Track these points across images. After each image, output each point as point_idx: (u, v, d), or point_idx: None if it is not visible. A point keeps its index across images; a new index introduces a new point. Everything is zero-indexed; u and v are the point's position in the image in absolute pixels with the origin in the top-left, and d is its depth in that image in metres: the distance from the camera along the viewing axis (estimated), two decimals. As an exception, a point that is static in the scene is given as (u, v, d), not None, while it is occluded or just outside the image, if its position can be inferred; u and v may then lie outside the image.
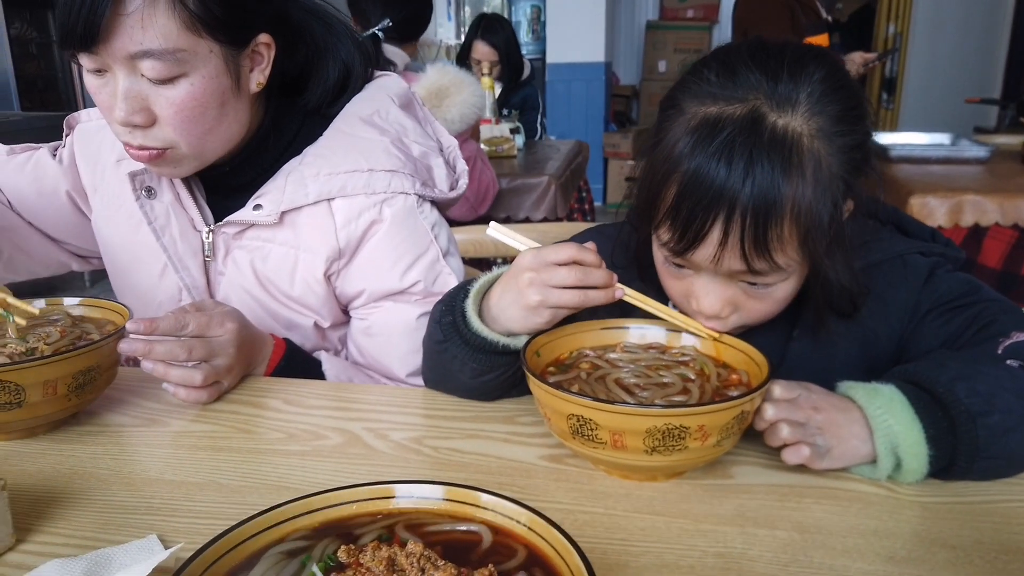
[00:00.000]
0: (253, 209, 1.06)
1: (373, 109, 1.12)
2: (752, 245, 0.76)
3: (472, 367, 0.87)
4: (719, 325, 0.84)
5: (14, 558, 0.65)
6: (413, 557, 0.47)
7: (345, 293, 1.12)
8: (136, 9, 0.87)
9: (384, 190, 1.07)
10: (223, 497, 0.74)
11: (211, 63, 0.94)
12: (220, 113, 0.98)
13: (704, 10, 6.72)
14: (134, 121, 0.94)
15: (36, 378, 0.77)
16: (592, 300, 0.82)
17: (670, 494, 0.74)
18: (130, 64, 0.91)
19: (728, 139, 0.75)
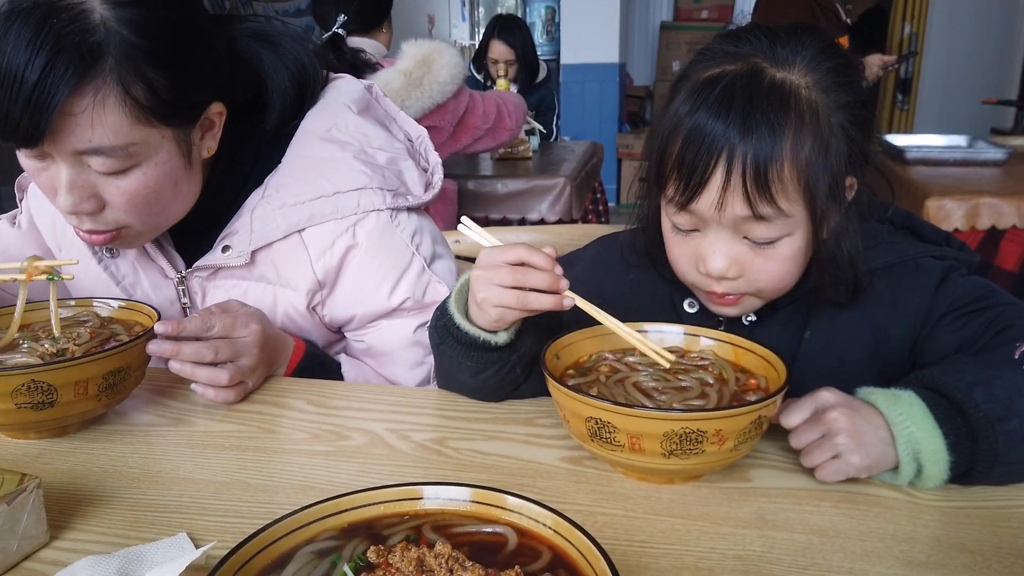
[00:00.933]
0: (222, 251, 1.04)
1: (330, 123, 1.08)
2: (754, 185, 0.78)
3: (468, 366, 0.89)
4: (728, 288, 0.85)
5: (48, 554, 0.67)
6: (442, 558, 0.48)
7: (334, 320, 1.11)
8: (85, 109, 0.83)
9: (354, 211, 1.04)
10: (250, 496, 0.76)
11: (163, 148, 0.91)
12: (174, 192, 0.95)
13: (718, 11, 6.71)
14: (82, 210, 0.90)
15: (68, 378, 0.79)
16: (533, 303, 0.81)
17: (688, 497, 0.75)
18: (76, 157, 0.87)
19: (727, 88, 0.80)
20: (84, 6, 0.83)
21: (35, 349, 0.86)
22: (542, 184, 2.64)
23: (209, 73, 0.94)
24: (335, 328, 1.14)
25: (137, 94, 0.85)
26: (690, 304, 0.96)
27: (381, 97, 1.20)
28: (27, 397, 0.78)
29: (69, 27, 0.81)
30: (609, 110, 5.95)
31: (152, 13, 0.86)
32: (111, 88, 0.83)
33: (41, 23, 0.80)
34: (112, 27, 0.83)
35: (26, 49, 0.80)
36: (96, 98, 0.83)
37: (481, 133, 2.47)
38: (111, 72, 0.83)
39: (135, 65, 0.84)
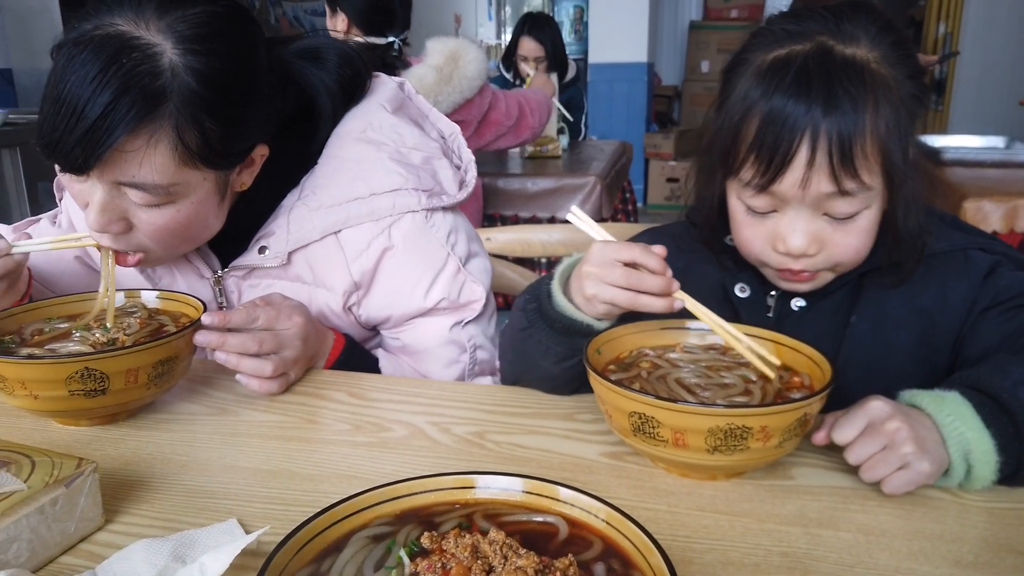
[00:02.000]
0: (258, 252, 1.05)
1: (365, 124, 1.08)
2: (840, 162, 0.79)
3: (556, 351, 0.89)
4: (807, 265, 0.86)
5: (104, 537, 0.68)
6: (496, 544, 0.49)
7: (370, 320, 1.12)
8: (138, 148, 0.83)
9: (389, 213, 1.04)
10: (296, 485, 0.77)
11: (202, 188, 0.92)
12: (202, 226, 0.97)
13: (748, 10, 6.66)
14: (109, 230, 0.90)
15: (120, 367, 0.81)
16: (644, 305, 0.82)
17: (732, 493, 0.75)
18: (116, 186, 0.87)
19: (802, 68, 0.81)
20: (156, 48, 0.83)
21: (87, 338, 0.88)
22: (572, 183, 2.64)
23: (261, 122, 0.95)
24: (370, 327, 1.15)
25: (189, 140, 0.86)
26: (741, 289, 0.97)
27: (414, 95, 1.20)
28: (80, 384, 0.80)
29: (139, 68, 0.81)
30: (637, 110, 5.94)
31: (219, 64, 0.86)
32: (166, 132, 0.84)
33: (111, 59, 0.81)
34: (179, 73, 0.83)
35: (91, 83, 0.80)
36: (150, 140, 0.84)
37: (504, 130, 2.50)
38: (169, 117, 0.84)
39: (193, 113, 0.85)
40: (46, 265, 1.15)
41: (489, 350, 1.13)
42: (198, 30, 0.85)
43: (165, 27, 0.84)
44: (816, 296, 0.93)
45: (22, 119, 3.77)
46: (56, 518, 0.64)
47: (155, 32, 0.84)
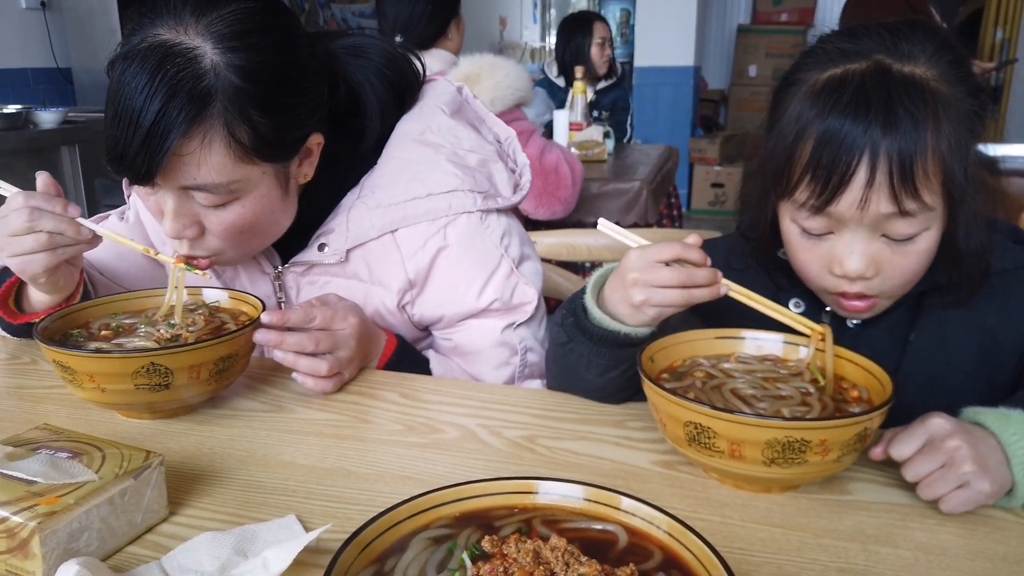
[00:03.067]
0: (318, 249, 1.07)
1: (424, 126, 1.10)
2: (900, 181, 0.78)
3: (598, 363, 0.89)
4: (864, 288, 0.85)
5: (168, 528, 0.70)
6: (558, 551, 0.49)
7: (423, 319, 1.13)
8: (193, 151, 0.86)
9: (445, 213, 1.06)
10: (351, 483, 0.78)
11: (263, 183, 0.94)
12: (270, 220, 0.99)
13: (799, 13, 6.56)
14: (185, 235, 0.94)
15: (183, 362, 0.83)
16: (696, 298, 0.82)
17: (787, 507, 0.74)
18: (182, 191, 0.91)
19: (859, 87, 0.79)
20: (196, 51, 0.86)
21: (152, 333, 0.90)
22: (618, 187, 2.63)
23: (309, 110, 0.96)
24: (423, 327, 1.16)
25: (241, 136, 0.88)
26: (795, 304, 0.96)
27: (471, 99, 1.22)
28: (146, 379, 0.82)
29: (182, 72, 0.84)
30: (682, 114, 5.89)
31: (259, 57, 0.88)
32: (218, 131, 0.87)
33: (156, 68, 0.84)
34: (221, 72, 0.86)
35: (142, 93, 0.83)
36: (204, 140, 0.86)
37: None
38: (218, 116, 0.86)
39: (241, 108, 0.87)
40: (114, 260, 1.18)
41: (539, 353, 1.14)
42: (235, 27, 0.88)
43: (203, 29, 0.87)
44: (873, 314, 0.92)
45: (80, 117, 3.88)
46: (124, 509, 0.66)
47: (195, 36, 0.87)
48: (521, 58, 9.33)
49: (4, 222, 0.91)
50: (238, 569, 0.63)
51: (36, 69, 4.66)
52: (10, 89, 4.43)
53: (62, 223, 0.90)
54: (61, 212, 0.91)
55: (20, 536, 0.60)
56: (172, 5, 0.88)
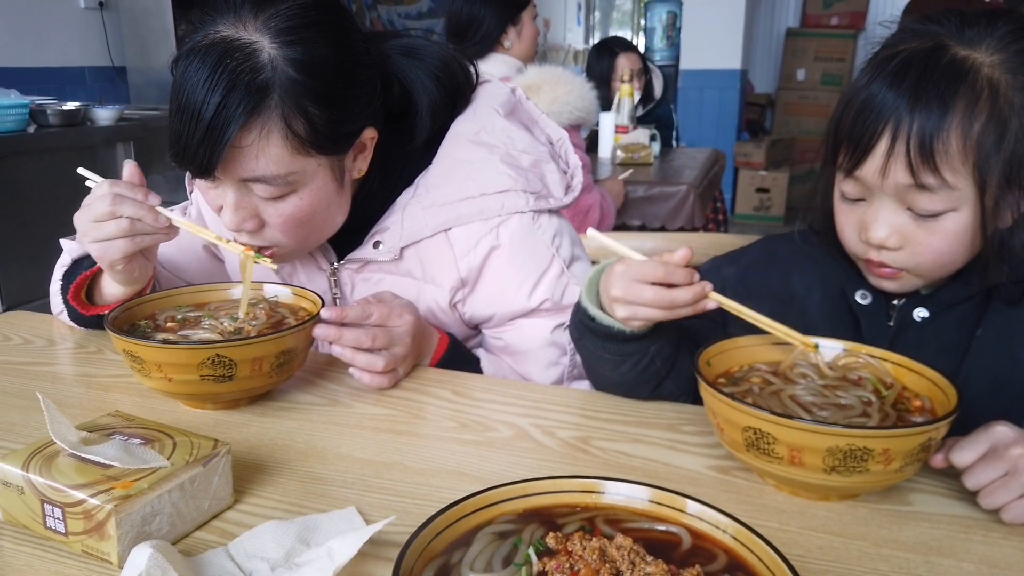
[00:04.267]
0: (373, 246, 1.09)
1: (479, 127, 1.11)
2: (918, 154, 0.79)
3: (607, 359, 0.91)
4: (889, 259, 0.86)
5: (233, 516, 0.72)
6: (623, 550, 0.50)
7: (474, 318, 1.15)
8: (252, 143, 0.89)
9: (498, 213, 1.07)
10: (408, 478, 0.79)
11: (319, 176, 0.96)
12: (326, 213, 1.01)
13: (850, 17, 6.45)
14: (244, 228, 0.96)
15: (247, 355, 0.85)
16: (680, 315, 0.84)
17: (846, 515, 0.73)
18: (242, 184, 0.93)
19: (904, 60, 0.82)
20: (255, 46, 0.88)
21: (215, 326, 0.93)
22: (664, 191, 2.62)
23: (364, 104, 0.98)
24: (473, 325, 1.17)
25: (298, 128, 0.90)
26: (862, 296, 0.95)
27: (524, 100, 1.23)
28: (211, 370, 0.84)
29: (241, 66, 0.87)
30: (728, 117, 5.83)
31: (315, 51, 0.90)
32: (275, 123, 0.89)
33: (217, 63, 0.86)
34: (278, 65, 0.88)
35: (203, 87, 0.86)
36: (262, 132, 0.89)
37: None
38: (276, 108, 0.89)
39: (297, 101, 0.89)
40: (175, 254, 1.22)
41: None
42: (291, 22, 0.90)
43: (261, 25, 0.89)
44: (941, 307, 0.91)
45: (135, 115, 3.98)
46: (193, 495, 0.68)
47: (253, 31, 0.89)
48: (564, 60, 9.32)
49: (89, 209, 0.94)
50: (302, 557, 0.64)
51: (93, 68, 4.79)
52: (68, 87, 4.57)
53: (141, 209, 0.93)
54: (142, 199, 0.94)
55: (97, 518, 0.62)
56: (232, 3, 0.91)
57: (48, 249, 3.64)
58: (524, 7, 2.45)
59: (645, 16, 7.56)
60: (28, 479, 0.65)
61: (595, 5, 10.64)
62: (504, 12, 2.40)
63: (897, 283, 0.90)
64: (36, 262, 3.18)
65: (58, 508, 0.64)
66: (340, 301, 1.16)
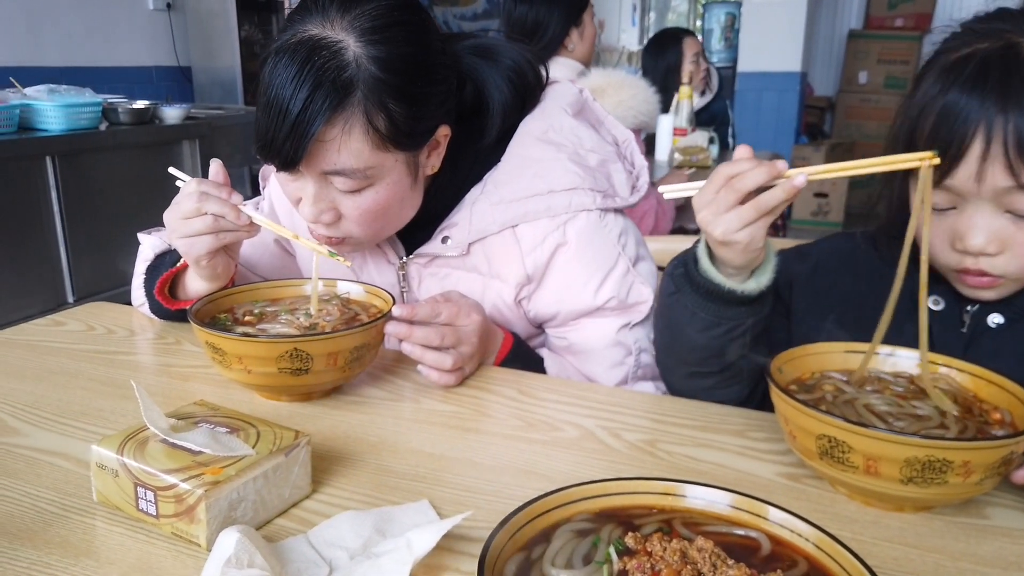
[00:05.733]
0: (441, 242, 1.11)
1: (547, 125, 1.13)
2: (1016, 153, 0.78)
3: (702, 318, 0.90)
4: (987, 266, 0.84)
5: (311, 505, 0.74)
6: (704, 552, 0.50)
7: (538, 315, 1.16)
8: (335, 137, 0.92)
9: (565, 210, 1.09)
10: (479, 474, 0.81)
11: (396, 171, 0.98)
12: (400, 207, 1.03)
13: (916, 18, 6.28)
14: (322, 220, 0.99)
15: (323, 349, 0.88)
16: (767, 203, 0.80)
17: (921, 528, 0.72)
18: (322, 177, 0.96)
19: (981, 63, 0.81)
20: (341, 44, 0.91)
21: (292, 321, 0.96)
22: (723, 194, 2.58)
23: (440, 101, 1.00)
24: (537, 324, 1.19)
25: (379, 124, 0.93)
26: (934, 301, 0.94)
27: (591, 101, 1.24)
28: (288, 363, 0.87)
29: (327, 63, 0.90)
30: (786, 121, 5.74)
31: (397, 50, 0.93)
32: (357, 118, 0.92)
33: (304, 60, 0.90)
34: (362, 63, 0.91)
35: (291, 83, 0.89)
36: (344, 127, 0.92)
37: None
38: (359, 104, 0.91)
39: (379, 98, 0.92)
40: (248, 249, 1.25)
41: (652, 355, 1.15)
42: (375, 22, 0.92)
43: (347, 24, 0.92)
44: (1017, 313, 0.89)
45: (201, 113, 4.10)
46: (275, 483, 0.71)
47: (339, 30, 0.92)
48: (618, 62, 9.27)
49: (177, 207, 0.99)
50: (379, 548, 0.66)
51: (160, 67, 4.95)
52: (136, 86, 4.72)
53: (225, 207, 0.97)
54: (226, 198, 0.98)
55: (187, 502, 0.65)
56: (320, 3, 0.94)
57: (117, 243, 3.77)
58: (585, 8, 2.45)
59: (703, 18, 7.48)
60: (123, 463, 0.68)
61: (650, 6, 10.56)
62: (568, 14, 2.40)
63: (995, 291, 0.88)
64: (105, 255, 3.30)
65: (150, 491, 0.67)
66: (407, 295, 1.18)
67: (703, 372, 0.96)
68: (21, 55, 4.02)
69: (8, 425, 0.88)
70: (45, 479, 0.77)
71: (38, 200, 3.00)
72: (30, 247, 2.99)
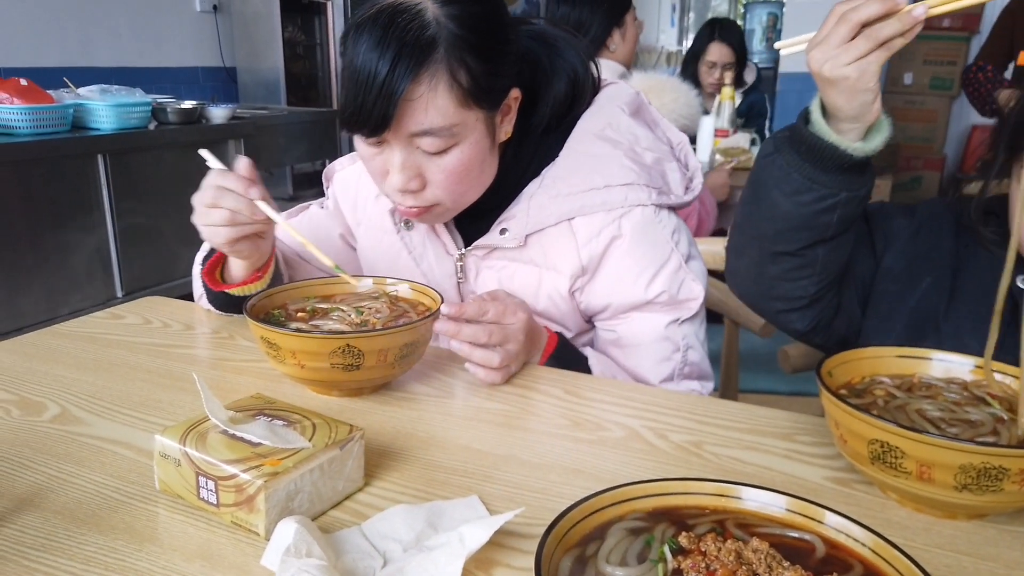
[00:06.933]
0: (499, 233, 1.14)
1: (605, 123, 1.16)
2: None
3: (795, 179, 0.89)
4: None
5: (363, 498, 0.76)
6: (760, 554, 0.51)
7: (590, 307, 1.17)
8: (422, 94, 0.95)
9: (621, 204, 1.11)
10: (526, 472, 0.82)
11: (477, 129, 1.02)
12: (481, 170, 1.06)
13: (963, 19, 6.14)
14: (410, 188, 1.02)
15: (374, 346, 0.89)
16: (890, 32, 0.79)
17: (974, 535, 0.72)
18: (409, 140, 0.99)
19: None
20: (420, 6, 0.95)
21: (343, 317, 0.98)
22: (766, 196, 2.56)
23: (511, 62, 1.04)
24: (588, 316, 1.20)
25: (461, 79, 0.97)
26: (1023, 280, 0.92)
27: (646, 103, 1.27)
28: (341, 359, 0.89)
29: (410, 24, 0.94)
30: (828, 122, 5.64)
31: (471, 8, 0.98)
32: (442, 75, 0.95)
33: (387, 25, 0.94)
34: (442, 22, 0.95)
35: (376, 48, 0.93)
36: (430, 84, 0.95)
37: None
38: (442, 61, 0.95)
39: (459, 54, 0.96)
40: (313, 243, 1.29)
41: (699, 353, 1.16)
42: None
43: None
44: None
45: (246, 113, 4.17)
46: (330, 476, 0.73)
47: None
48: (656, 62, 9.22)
49: (202, 194, 1.02)
50: (431, 541, 0.67)
51: (206, 68, 5.05)
52: (183, 86, 4.83)
53: (240, 203, 0.99)
54: (242, 193, 1.00)
55: (247, 492, 0.67)
56: None
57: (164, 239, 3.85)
58: (628, 9, 2.45)
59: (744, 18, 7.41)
60: (185, 452, 0.71)
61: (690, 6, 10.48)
62: (610, 15, 2.39)
63: None
64: (153, 250, 3.38)
65: (211, 481, 0.69)
66: (463, 285, 1.21)
67: (776, 252, 0.95)
68: (73, 56, 4.13)
69: (73, 415, 0.91)
70: (109, 467, 0.80)
71: (90, 197, 3.09)
72: (82, 242, 3.08)
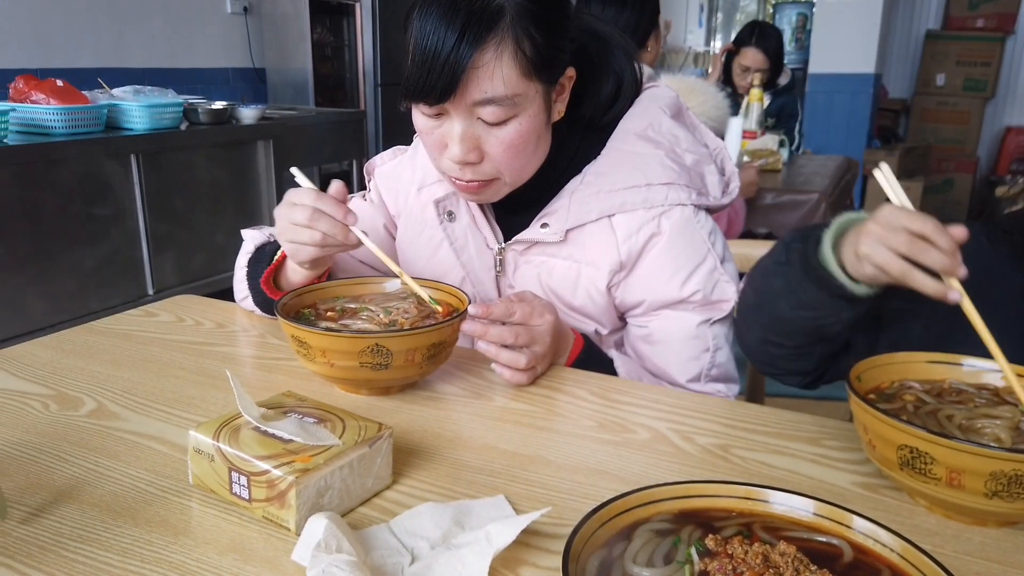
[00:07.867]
0: (540, 227, 1.15)
1: (647, 123, 1.17)
2: None
3: (798, 297, 0.90)
4: None
5: (392, 495, 0.77)
6: (787, 557, 0.51)
7: (625, 303, 1.18)
8: (488, 62, 0.96)
9: (661, 203, 1.12)
10: (552, 472, 0.82)
11: (535, 102, 1.03)
12: (536, 146, 1.07)
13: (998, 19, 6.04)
14: (469, 159, 1.03)
15: (402, 346, 0.91)
16: (917, 282, 0.78)
17: (1004, 543, 0.71)
18: (470, 110, 1.00)
19: None
20: None
21: (372, 317, 0.99)
22: (795, 199, 2.55)
23: (569, 39, 1.06)
24: (622, 312, 1.21)
25: (525, 48, 0.98)
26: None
27: (686, 108, 1.28)
28: (370, 358, 0.90)
29: None
30: (858, 124, 5.59)
31: None
32: (508, 43, 0.97)
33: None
34: None
35: (443, 20, 0.95)
36: (496, 51, 0.97)
37: None
38: (508, 30, 0.97)
39: (524, 24, 0.98)
40: None
41: (728, 355, 1.17)
42: None
43: None
44: None
45: (275, 114, 4.22)
46: (360, 473, 0.74)
47: None
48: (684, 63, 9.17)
49: (291, 210, 1.02)
50: (458, 539, 0.68)
51: (236, 69, 5.11)
52: (213, 87, 4.89)
53: (335, 227, 1.00)
54: (340, 218, 1.01)
55: (279, 488, 0.68)
56: None
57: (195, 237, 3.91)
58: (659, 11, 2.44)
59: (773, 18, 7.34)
60: (219, 448, 0.72)
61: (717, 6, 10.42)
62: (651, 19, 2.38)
63: None
64: (184, 249, 3.43)
65: (244, 476, 0.71)
66: (501, 279, 1.22)
67: (778, 343, 0.96)
68: (106, 57, 4.21)
69: (109, 410, 0.93)
70: (144, 461, 0.82)
71: (123, 196, 3.14)
72: (114, 241, 3.14)
